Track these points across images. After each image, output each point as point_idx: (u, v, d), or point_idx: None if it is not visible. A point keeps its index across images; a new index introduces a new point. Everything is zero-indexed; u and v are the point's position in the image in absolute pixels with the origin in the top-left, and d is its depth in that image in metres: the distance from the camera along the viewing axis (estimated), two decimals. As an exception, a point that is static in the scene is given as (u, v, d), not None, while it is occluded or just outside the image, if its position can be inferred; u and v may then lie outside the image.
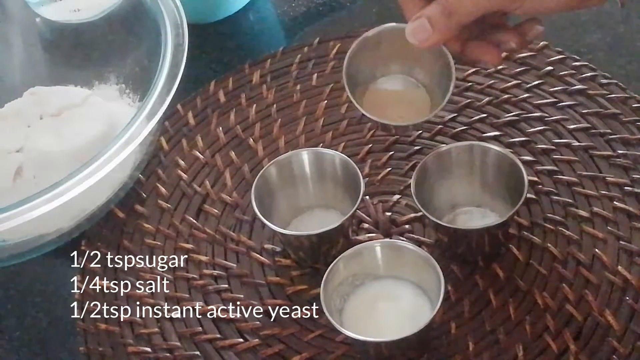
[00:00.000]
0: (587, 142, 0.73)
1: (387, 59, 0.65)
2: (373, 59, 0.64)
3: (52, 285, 0.74)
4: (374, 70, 0.65)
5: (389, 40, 0.63)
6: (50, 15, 0.87)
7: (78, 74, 0.84)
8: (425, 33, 0.59)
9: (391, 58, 0.65)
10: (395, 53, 0.64)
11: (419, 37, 0.60)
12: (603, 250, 0.66)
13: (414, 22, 0.59)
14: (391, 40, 0.63)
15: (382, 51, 0.64)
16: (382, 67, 0.66)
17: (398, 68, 0.66)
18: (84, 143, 0.75)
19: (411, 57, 0.64)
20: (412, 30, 0.60)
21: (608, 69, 0.78)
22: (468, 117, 0.76)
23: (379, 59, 0.65)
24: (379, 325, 0.62)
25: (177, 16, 0.75)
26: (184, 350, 0.67)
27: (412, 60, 0.65)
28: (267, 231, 0.72)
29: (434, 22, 0.59)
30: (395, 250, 0.64)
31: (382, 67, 0.66)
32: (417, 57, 0.64)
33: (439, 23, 0.59)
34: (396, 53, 0.64)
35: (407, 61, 0.65)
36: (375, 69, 0.65)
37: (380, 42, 0.63)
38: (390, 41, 0.63)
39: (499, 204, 0.68)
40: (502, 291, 0.66)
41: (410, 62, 0.65)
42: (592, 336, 0.62)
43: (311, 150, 0.70)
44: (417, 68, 0.65)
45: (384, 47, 0.64)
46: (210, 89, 0.84)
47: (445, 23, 0.59)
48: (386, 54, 0.64)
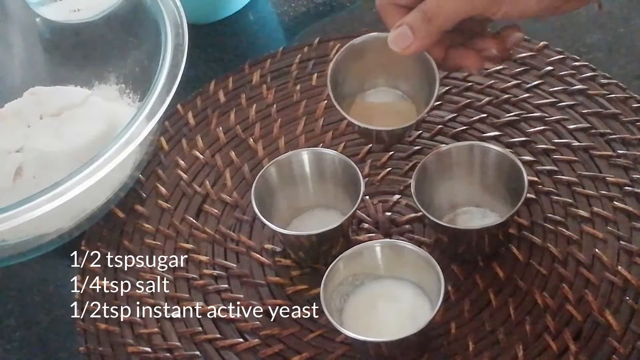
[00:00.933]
0: (587, 142, 0.73)
1: (373, 69, 0.66)
2: (359, 69, 0.65)
3: (52, 285, 0.74)
4: (360, 81, 0.66)
5: (373, 48, 0.64)
6: (50, 15, 0.87)
7: (78, 74, 0.84)
8: (407, 40, 0.60)
9: (377, 68, 0.66)
10: (380, 62, 0.65)
11: (401, 45, 0.61)
12: (603, 250, 0.66)
13: (395, 30, 0.61)
14: (376, 49, 0.64)
15: (367, 60, 0.65)
16: (369, 79, 0.66)
17: (384, 81, 0.66)
18: (84, 143, 0.75)
19: (396, 66, 0.65)
20: (394, 38, 0.61)
21: (608, 69, 0.78)
22: (468, 117, 0.77)
23: (365, 70, 0.66)
24: (379, 325, 0.62)
25: (177, 16, 0.75)
26: (184, 350, 0.67)
27: (397, 70, 0.65)
28: (267, 231, 0.72)
29: (415, 29, 0.60)
30: (395, 250, 0.64)
31: (369, 79, 0.66)
32: (402, 66, 0.65)
33: (420, 30, 0.60)
34: (381, 62, 0.65)
35: (392, 71, 0.66)
36: (362, 81, 0.66)
37: (365, 50, 0.64)
38: (375, 50, 0.64)
39: (499, 204, 0.68)
40: (502, 291, 0.66)
41: (395, 73, 0.66)
42: (592, 336, 0.62)
43: (311, 150, 0.70)
44: (403, 79, 0.66)
45: (369, 55, 0.65)
46: (210, 89, 0.84)
47: (426, 29, 0.60)
48: (372, 63, 0.65)
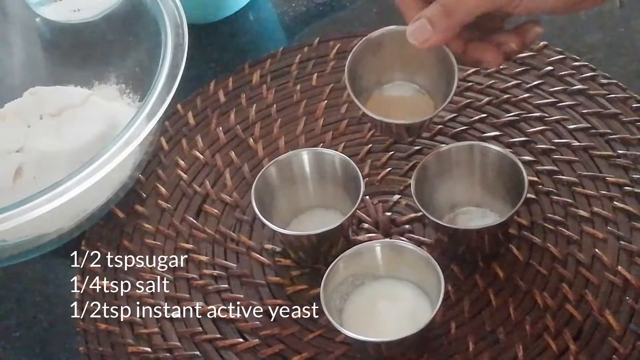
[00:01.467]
0: (587, 142, 0.73)
1: (390, 63, 0.65)
2: (376, 63, 0.64)
3: (52, 285, 0.74)
4: (377, 76, 0.65)
5: (391, 42, 0.63)
6: (50, 15, 0.87)
7: (78, 74, 0.84)
8: (425, 33, 0.59)
9: (394, 62, 0.65)
10: (398, 56, 0.64)
11: (420, 38, 0.60)
12: (603, 250, 0.66)
13: (414, 23, 0.60)
14: (394, 43, 0.63)
15: (384, 54, 0.64)
16: (386, 72, 0.66)
17: (401, 74, 0.66)
18: (84, 143, 0.75)
19: (414, 60, 0.64)
20: (413, 31, 0.60)
21: (608, 69, 0.78)
22: (468, 117, 0.76)
23: (382, 64, 0.65)
24: (379, 325, 0.62)
25: (177, 16, 0.75)
26: (184, 350, 0.67)
27: (415, 64, 0.65)
28: (267, 231, 0.72)
29: (434, 23, 0.59)
30: (395, 250, 0.64)
31: (386, 73, 0.66)
32: (420, 60, 0.64)
33: (439, 23, 0.59)
34: (399, 56, 0.64)
35: (410, 66, 0.65)
36: (379, 75, 0.65)
37: (382, 44, 0.64)
38: (392, 43, 0.63)
39: (499, 204, 0.68)
40: (502, 291, 0.66)
41: (413, 67, 0.65)
42: (592, 336, 0.62)
43: (311, 150, 0.70)
44: (420, 73, 0.65)
45: (386, 49, 0.64)
46: (210, 89, 0.84)
47: (445, 23, 0.59)
48: (389, 57, 0.64)
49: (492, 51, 0.62)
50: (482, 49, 0.62)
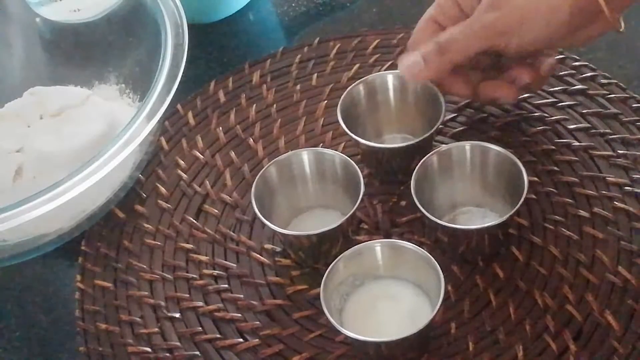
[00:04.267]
0: (587, 142, 0.73)
1: (380, 113, 0.72)
2: (368, 114, 0.71)
3: (52, 285, 0.74)
4: (371, 128, 0.72)
5: (380, 88, 0.71)
6: (50, 15, 0.87)
7: (78, 74, 0.84)
8: (417, 68, 0.64)
9: (384, 112, 0.72)
10: (387, 103, 0.71)
11: (412, 71, 0.65)
12: (603, 250, 0.66)
13: (409, 59, 0.64)
14: (383, 89, 0.71)
15: (374, 101, 0.71)
16: (378, 125, 0.72)
17: (395, 127, 0.73)
18: (84, 143, 0.75)
19: (404, 107, 0.71)
20: (407, 67, 0.65)
21: (608, 69, 0.78)
22: (468, 117, 0.76)
23: (373, 115, 0.72)
24: (379, 325, 0.62)
25: (177, 16, 0.75)
26: (184, 350, 0.67)
27: (405, 112, 0.71)
28: (267, 231, 0.72)
29: (428, 59, 0.64)
30: (395, 250, 0.64)
31: (378, 125, 0.73)
32: (410, 105, 0.71)
33: (432, 61, 0.64)
34: (388, 103, 0.71)
35: (401, 116, 0.72)
36: (373, 127, 0.72)
37: (373, 91, 0.71)
38: (382, 89, 0.71)
39: (499, 204, 0.68)
40: (502, 291, 0.66)
41: (404, 117, 0.72)
42: (592, 336, 0.62)
43: (311, 150, 0.70)
44: (411, 122, 0.72)
45: (377, 95, 0.71)
46: (210, 89, 0.84)
47: (438, 60, 0.64)
48: (378, 105, 0.71)
49: (505, 87, 0.66)
50: (494, 86, 0.66)
